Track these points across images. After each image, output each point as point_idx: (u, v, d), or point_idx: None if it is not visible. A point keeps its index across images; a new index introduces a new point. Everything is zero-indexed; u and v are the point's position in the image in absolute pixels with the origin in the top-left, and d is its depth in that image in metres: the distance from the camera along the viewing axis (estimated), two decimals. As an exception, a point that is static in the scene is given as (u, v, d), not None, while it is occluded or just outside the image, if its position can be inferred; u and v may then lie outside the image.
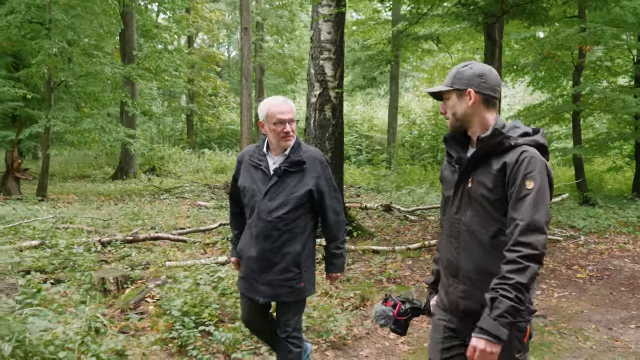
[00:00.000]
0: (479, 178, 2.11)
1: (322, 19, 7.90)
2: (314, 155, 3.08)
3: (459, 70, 2.18)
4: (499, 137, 2.05)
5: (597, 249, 7.97)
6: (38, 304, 3.75)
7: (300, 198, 2.97)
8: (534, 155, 2.01)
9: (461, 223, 2.18)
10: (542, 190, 1.97)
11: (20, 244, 6.58)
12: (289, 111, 2.99)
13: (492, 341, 1.91)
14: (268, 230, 2.99)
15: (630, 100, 11.69)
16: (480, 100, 2.13)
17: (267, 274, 3.01)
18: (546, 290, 6.00)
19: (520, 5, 6.68)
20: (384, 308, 2.45)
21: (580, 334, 4.71)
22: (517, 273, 1.91)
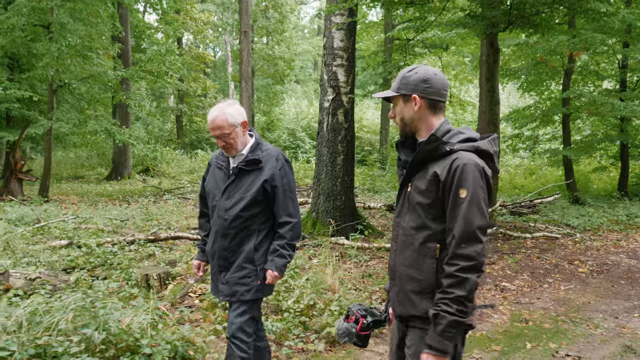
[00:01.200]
0: (417, 183, 2.12)
1: (335, 27, 8.27)
2: (271, 153, 3.07)
3: (404, 75, 2.18)
4: (434, 143, 2.06)
5: (594, 246, 8.47)
6: (102, 298, 4.05)
7: (255, 195, 2.97)
8: (466, 162, 2.00)
9: (400, 227, 2.20)
10: (476, 197, 1.96)
11: (50, 243, 6.84)
12: (217, 127, 2.95)
13: (440, 355, 1.96)
14: (225, 228, 3.01)
15: (619, 104, 12.28)
16: (425, 105, 2.13)
17: (225, 273, 3.04)
18: (553, 284, 6.45)
19: (525, 17, 7.14)
20: (347, 325, 2.41)
21: (590, 322, 5.15)
22: (457, 287, 1.93)
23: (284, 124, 33.37)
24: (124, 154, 20.56)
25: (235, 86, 40.15)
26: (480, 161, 2.02)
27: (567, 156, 13.87)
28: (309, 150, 30.15)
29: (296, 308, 4.54)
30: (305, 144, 31.09)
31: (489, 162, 2.06)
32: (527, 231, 9.15)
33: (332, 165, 8.39)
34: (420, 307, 2.08)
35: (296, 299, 4.63)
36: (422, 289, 2.08)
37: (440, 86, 2.14)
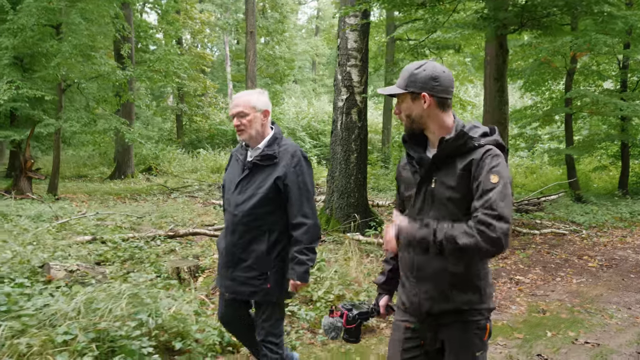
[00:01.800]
0: (443, 179, 2.10)
1: (350, 29, 8.47)
2: (289, 149, 2.95)
3: (412, 72, 2.15)
4: (463, 138, 2.07)
5: (600, 242, 8.71)
6: (149, 288, 4.23)
7: (267, 192, 2.86)
8: (497, 153, 2.04)
9: None
10: (507, 185, 1.97)
11: (75, 238, 7.01)
12: (237, 105, 2.91)
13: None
14: (234, 224, 2.92)
15: (621, 104, 12.54)
16: (435, 104, 2.13)
17: (232, 269, 2.95)
18: (565, 277, 6.67)
19: (536, 19, 7.36)
20: (331, 320, 2.38)
21: (605, 313, 5.37)
22: (464, 235, 1.91)
23: (283, 124, 33.53)
24: (127, 153, 20.68)
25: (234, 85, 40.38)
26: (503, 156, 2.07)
27: (569, 155, 14.13)
28: (310, 150, 30.31)
29: (327, 298, 4.74)
30: (306, 143, 31.24)
31: (505, 155, 2.11)
32: (535, 228, 9.38)
33: (346, 163, 8.59)
34: (457, 301, 2.09)
35: (326, 290, 4.82)
36: (457, 283, 2.09)
37: (449, 84, 2.15)
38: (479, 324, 2.10)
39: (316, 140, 31.49)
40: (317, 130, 32.00)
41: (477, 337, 2.11)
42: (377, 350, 4.22)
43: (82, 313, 3.50)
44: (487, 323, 2.13)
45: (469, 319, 2.10)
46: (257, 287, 2.90)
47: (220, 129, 32.39)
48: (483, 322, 2.12)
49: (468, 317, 2.09)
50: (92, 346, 3.27)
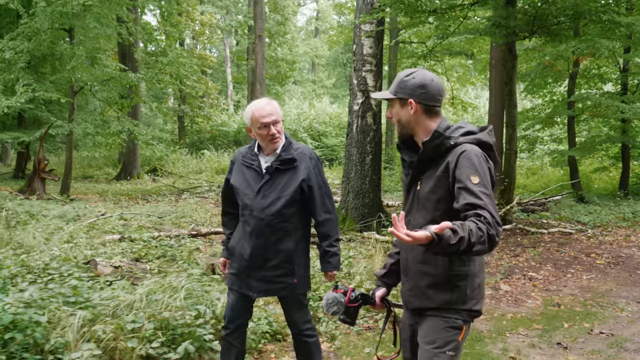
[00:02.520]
0: (426, 180, 2.18)
1: (365, 35, 8.79)
2: (304, 152, 3.09)
3: (402, 79, 2.24)
4: (438, 138, 2.14)
5: (606, 240, 9.04)
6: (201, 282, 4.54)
7: (292, 194, 2.99)
8: (473, 152, 2.08)
9: (410, 224, 2.23)
10: (486, 183, 2.03)
11: (104, 237, 7.30)
12: (272, 113, 2.96)
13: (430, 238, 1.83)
14: (261, 227, 3.00)
15: (623, 106, 12.89)
16: (421, 110, 2.21)
17: (260, 270, 3.04)
18: (575, 274, 7.00)
19: (546, 27, 7.70)
20: (335, 295, 2.43)
21: (615, 306, 5.70)
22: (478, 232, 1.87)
23: (285, 125, 33.63)
24: (133, 154, 20.94)
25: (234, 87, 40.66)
26: (483, 153, 2.12)
27: (572, 156, 14.48)
28: (312, 151, 30.52)
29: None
30: (308, 144, 31.49)
31: (489, 153, 2.16)
32: (543, 227, 9.72)
33: (362, 165, 8.90)
34: (436, 299, 2.18)
35: (357, 285, 5.14)
36: (436, 283, 2.17)
37: (436, 92, 2.21)
38: (456, 322, 2.15)
39: (318, 141, 31.74)
40: (319, 132, 32.25)
41: (450, 334, 2.15)
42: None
43: (144, 304, 3.80)
44: (463, 324, 2.17)
45: (445, 315, 2.16)
46: (285, 283, 3.06)
47: (222, 130, 32.60)
48: (459, 322, 2.16)
49: (444, 314, 2.16)
50: (159, 333, 3.58)
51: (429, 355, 2.16)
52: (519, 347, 4.47)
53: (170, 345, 3.59)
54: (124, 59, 19.98)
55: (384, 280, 2.51)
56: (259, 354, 3.95)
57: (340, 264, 3.23)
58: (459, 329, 2.16)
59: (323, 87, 48.94)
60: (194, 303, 3.93)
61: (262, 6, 16.11)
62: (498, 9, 8.34)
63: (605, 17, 7.30)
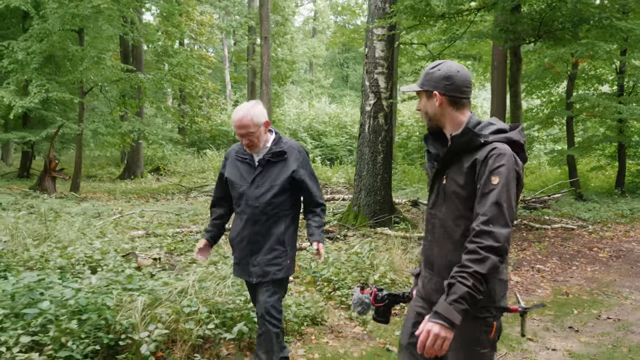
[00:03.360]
0: (453, 175, 2.17)
1: (377, 39, 9.14)
2: (293, 146, 3.37)
3: (427, 72, 2.24)
4: (468, 135, 2.12)
5: (606, 236, 9.45)
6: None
7: (283, 184, 3.26)
8: (502, 151, 2.06)
9: (436, 218, 2.23)
10: (507, 185, 2.01)
11: (130, 233, 7.62)
12: (243, 126, 3.18)
13: (446, 326, 1.93)
14: (256, 215, 3.26)
15: (621, 107, 13.33)
16: (446, 102, 2.18)
17: (256, 256, 3.28)
18: (580, 266, 7.40)
19: (552, 32, 8.08)
20: (360, 296, 2.47)
21: (620, 295, 6.09)
22: (476, 263, 1.94)
23: (285, 125, 34.04)
24: (136, 153, 21.22)
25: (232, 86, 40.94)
26: (514, 153, 2.09)
27: (571, 156, 14.92)
28: (312, 150, 30.87)
29: (382, 282, 5.41)
30: (307, 144, 31.78)
31: (519, 152, 2.13)
32: (546, 223, 10.12)
33: (373, 164, 9.25)
34: None
35: (381, 275, 5.50)
36: None
37: (462, 83, 2.18)
38: (487, 321, 2.12)
39: (317, 140, 32.06)
40: (319, 131, 32.58)
41: (484, 334, 2.12)
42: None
43: (196, 290, 4.15)
44: (494, 321, 2.14)
45: (477, 315, 2.09)
46: (280, 264, 3.28)
47: (222, 130, 32.85)
48: (490, 319, 2.12)
49: (476, 314, 2.08)
50: (212, 316, 3.93)
51: (464, 356, 2.14)
52: (535, 330, 4.84)
53: (222, 327, 3.94)
54: (126, 59, 20.28)
55: None
56: (301, 336, 4.31)
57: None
58: (490, 326, 2.13)
59: (321, 87, 49.26)
60: (239, 289, 4.28)
61: (267, 8, 16.44)
62: (505, 14, 8.71)
63: (607, 23, 7.69)
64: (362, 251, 6.02)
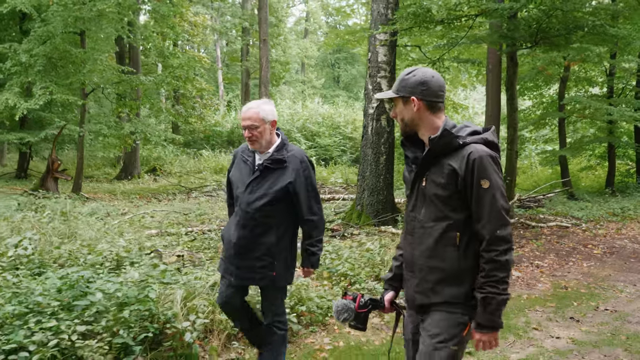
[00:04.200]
0: (432, 177, 2.22)
1: (380, 44, 9.47)
2: (296, 155, 3.28)
3: (403, 78, 2.29)
4: (447, 137, 2.18)
5: (600, 233, 9.85)
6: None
7: (277, 193, 3.18)
8: (481, 154, 2.15)
9: (416, 220, 2.28)
10: (497, 184, 2.14)
11: (146, 232, 7.88)
12: (248, 118, 3.19)
13: (492, 332, 2.16)
14: (246, 219, 3.23)
15: (612, 109, 13.78)
16: (424, 107, 2.24)
17: (242, 259, 3.26)
18: (576, 262, 7.78)
19: (548, 38, 8.47)
20: (344, 302, 2.46)
21: (615, 288, 6.47)
22: (499, 270, 2.10)
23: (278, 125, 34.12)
24: (133, 154, 21.36)
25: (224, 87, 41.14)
26: (491, 151, 2.20)
27: (563, 156, 15.37)
28: (306, 151, 31.10)
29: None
30: (302, 144, 32.03)
31: (495, 152, 2.23)
32: (541, 221, 10.50)
33: (376, 164, 9.58)
34: (444, 294, 2.22)
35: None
36: (445, 277, 2.21)
37: (437, 88, 2.25)
38: (462, 318, 2.21)
39: (311, 141, 32.33)
40: (312, 132, 32.85)
41: (455, 329, 2.21)
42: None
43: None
44: (469, 320, 2.21)
45: (452, 310, 2.20)
46: (264, 274, 3.26)
47: (216, 130, 33.02)
48: (466, 317, 2.21)
49: (451, 309, 2.21)
50: (245, 307, 4.22)
51: (432, 348, 2.22)
52: (539, 320, 5.19)
53: (254, 318, 4.24)
54: (121, 60, 20.45)
55: (391, 284, 2.53)
56: (324, 326, 4.62)
57: (319, 263, 3.47)
58: (464, 324, 2.21)
59: (312, 88, 49.55)
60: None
61: (266, 11, 16.73)
62: (503, 21, 9.08)
63: (601, 30, 8.08)
64: (373, 248, 6.34)
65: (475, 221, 2.15)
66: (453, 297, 2.20)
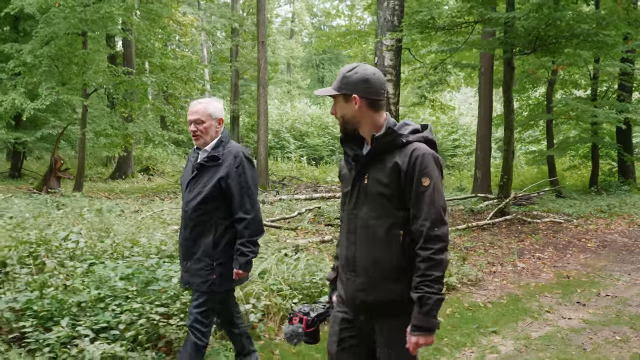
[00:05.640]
0: (374, 174, 2.20)
1: (386, 49, 9.97)
2: (232, 151, 3.20)
3: (345, 75, 2.25)
4: (391, 135, 2.18)
5: (590, 229, 10.49)
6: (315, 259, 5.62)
7: (211, 190, 3.10)
8: (424, 152, 2.15)
9: (358, 218, 2.24)
10: (437, 184, 2.13)
11: (170, 227, 8.24)
12: (195, 112, 3.16)
13: (428, 334, 2.10)
14: (186, 220, 3.19)
15: (598, 111, 14.49)
16: (365, 105, 2.22)
17: (186, 262, 3.22)
18: (573, 254, 8.38)
19: (546, 45, 9.06)
20: (292, 328, 2.45)
21: (612, 277, 7.05)
22: (434, 268, 2.07)
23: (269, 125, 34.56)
24: (127, 153, 21.58)
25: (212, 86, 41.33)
26: (432, 150, 2.20)
27: (551, 156, 16.07)
28: (295, 151, 31.57)
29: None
30: (290, 144, 32.49)
31: (433, 149, 2.23)
32: (536, 217, 11.11)
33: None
34: (388, 292, 2.19)
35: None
36: (389, 275, 2.18)
37: (379, 86, 2.24)
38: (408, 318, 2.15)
39: (300, 141, 32.79)
40: (301, 132, 33.31)
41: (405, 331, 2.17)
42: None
43: (275, 272, 4.89)
44: None
45: (408, 311, 2.14)
46: (204, 277, 3.15)
47: (205, 130, 33.00)
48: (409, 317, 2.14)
49: (407, 310, 2.15)
50: (295, 293, 4.68)
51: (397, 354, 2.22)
52: (550, 304, 5.73)
53: (307, 300, 4.69)
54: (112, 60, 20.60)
55: (336, 283, 2.51)
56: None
57: (250, 268, 3.24)
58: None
59: (298, 88, 49.99)
60: (312, 271, 5.04)
61: (264, 14, 17.11)
62: (499, 28, 9.66)
63: (596, 39, 8.69)
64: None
65: (413, 219, 2.14)
66: (398, 295, 2.18)
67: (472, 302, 5.71)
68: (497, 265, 7.42)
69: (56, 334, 3.43)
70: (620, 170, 17.94)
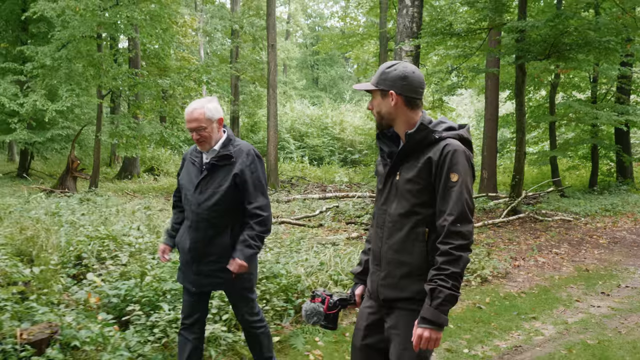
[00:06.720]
0: (406, 171, 2.20)
1: (405, 55, 10.42)
2: (242, 148, 3.15)
3: (384, 71, 2.25)
4: (424, 131, 2.17)
5: (599, 226, 11.00)
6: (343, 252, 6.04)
7: (227, 190, 3.05)
8: (456, 148, 2.13)
9: (386, 214, 2.26)
10: (465, 181, 2.11)
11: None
12: (195, 119, 3.04)
13: (435, 329, 2.05)
14: (198, 222, 3.08)
15: (598, 113, 15.06)
16: (402, 102, 2.22)
17: (198, 264, 3.12)
18: (588, 250, 8.87)
19: (559, 52, 9.56)
20: (313, 305, 2.44)
21: (628, 271, 7.54)
22: (452, 264, 2.04)
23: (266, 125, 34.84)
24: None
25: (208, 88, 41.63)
26: (465, 148, 2.18)
27: (554, 156, 16.62)
28: (295, 151, 31.94)
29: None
30: (290, 144, 32.81)
31: (469, 149, 2.22)
32: (547, 216, 11.61)
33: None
34: (409, 289, 2.19)
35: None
36: (411, 272, 2.19)
37: (418, 84, 2.23)
38: None
39: (300, 142, 33.15)
40: (301, 133, 33.66)
41: None
42: (499, 291, 6.19)
43: (332, 264, 5.31)
44: None
45: (418, 308, 2.14)
46: (222, 278, 3.13)
47: (205, 131, 33.26)
48: None
49: (417, 307, 2.15)
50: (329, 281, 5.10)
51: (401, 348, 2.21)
52: (577, 295, 6.20)
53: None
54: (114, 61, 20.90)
55: (360, 277, 2.53)
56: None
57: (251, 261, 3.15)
58: None
59: (294, 89, 50.37)
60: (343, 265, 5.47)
61: (274, 18, 17.51)
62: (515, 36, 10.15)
63: (607, 46, 9.20)
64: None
65: (439, 214, 2.13)
66: (418, 293, 2.16)
67: (506, 292, 6.17)
68: (519, 260, 7.89)
69: (161, 317, 3.82)
70: (619, 170, 18.56)
